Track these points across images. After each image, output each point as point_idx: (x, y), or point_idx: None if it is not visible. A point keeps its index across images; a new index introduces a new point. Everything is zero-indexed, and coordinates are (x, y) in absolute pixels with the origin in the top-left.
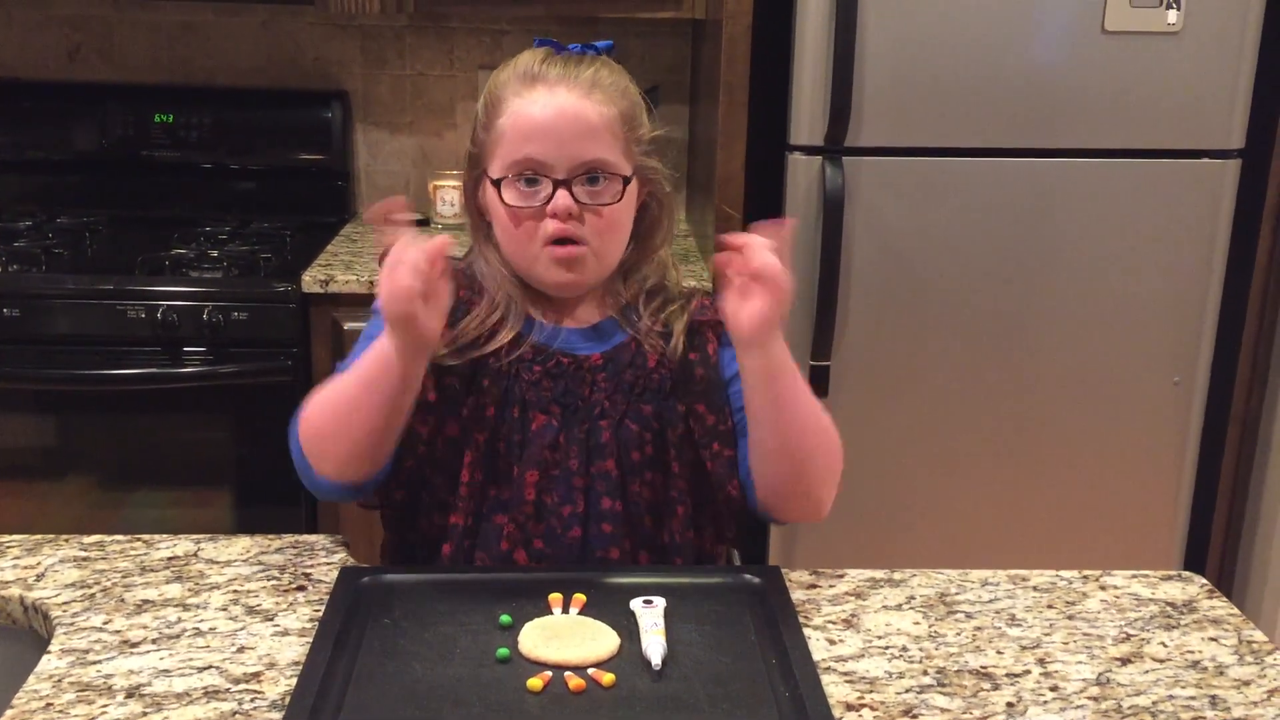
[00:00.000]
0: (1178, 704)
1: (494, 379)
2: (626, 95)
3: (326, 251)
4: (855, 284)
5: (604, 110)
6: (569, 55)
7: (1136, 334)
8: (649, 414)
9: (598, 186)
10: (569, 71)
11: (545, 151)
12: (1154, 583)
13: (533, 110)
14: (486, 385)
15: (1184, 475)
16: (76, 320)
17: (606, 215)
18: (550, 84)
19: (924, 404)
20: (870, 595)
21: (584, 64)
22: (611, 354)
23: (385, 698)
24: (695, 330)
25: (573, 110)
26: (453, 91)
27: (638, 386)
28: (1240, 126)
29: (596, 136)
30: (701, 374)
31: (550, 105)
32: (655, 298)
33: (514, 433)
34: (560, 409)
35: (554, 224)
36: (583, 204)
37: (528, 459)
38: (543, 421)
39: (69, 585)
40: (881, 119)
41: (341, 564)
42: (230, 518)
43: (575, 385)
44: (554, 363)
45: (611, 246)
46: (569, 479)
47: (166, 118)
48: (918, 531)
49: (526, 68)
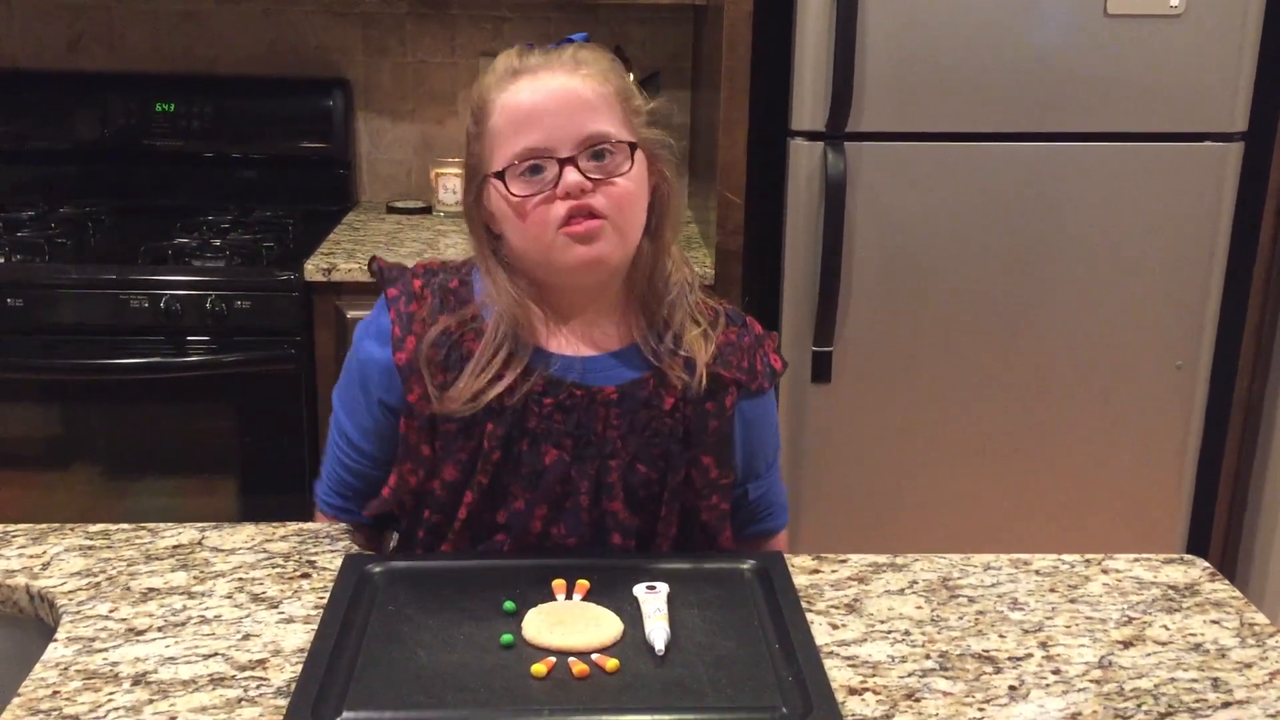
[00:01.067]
0: (1180, 686)
1: (497, 420)
2: (615, 70)
3: (329, 240)
4: (857, 270)
5: (596, 85)
6: (545, 47)
7: (1139, 318)
8: (657, 455)
9: (605, 160)
10: (550, 58)
11: (544, 136)
12: (1156, 566)
13: (522, 98)
14: (490, 429)
15: (1187, 459)
16: (80, 310)
17: (620, 187)
18: (534, 72)
19: (926, 389)
20: (873, 580)
21: (563, 49)
22: (628, 389)
23: (390, 684)
24: (716, 380)
25: (564, 89)
26: (454, 79)
27: (650, 429)
28: (1243, 109)
29: (594, 110)
30: (715, 426)
31: (540, 89)
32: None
33: (522, 466)
34: (572, 442)
35: (566, 205)
36: (593, 179)
37: (539, 494)
38: (555, 456)
39: (75, 574)
40: (883, 104)
41: (346, 551)
42: (235, 506)
43: (588, 419)
44: (566, 395)
45: (629, 219)
46: (578, 513)
47: (168, 107)
48: (920, 516)
49: (506, 66)
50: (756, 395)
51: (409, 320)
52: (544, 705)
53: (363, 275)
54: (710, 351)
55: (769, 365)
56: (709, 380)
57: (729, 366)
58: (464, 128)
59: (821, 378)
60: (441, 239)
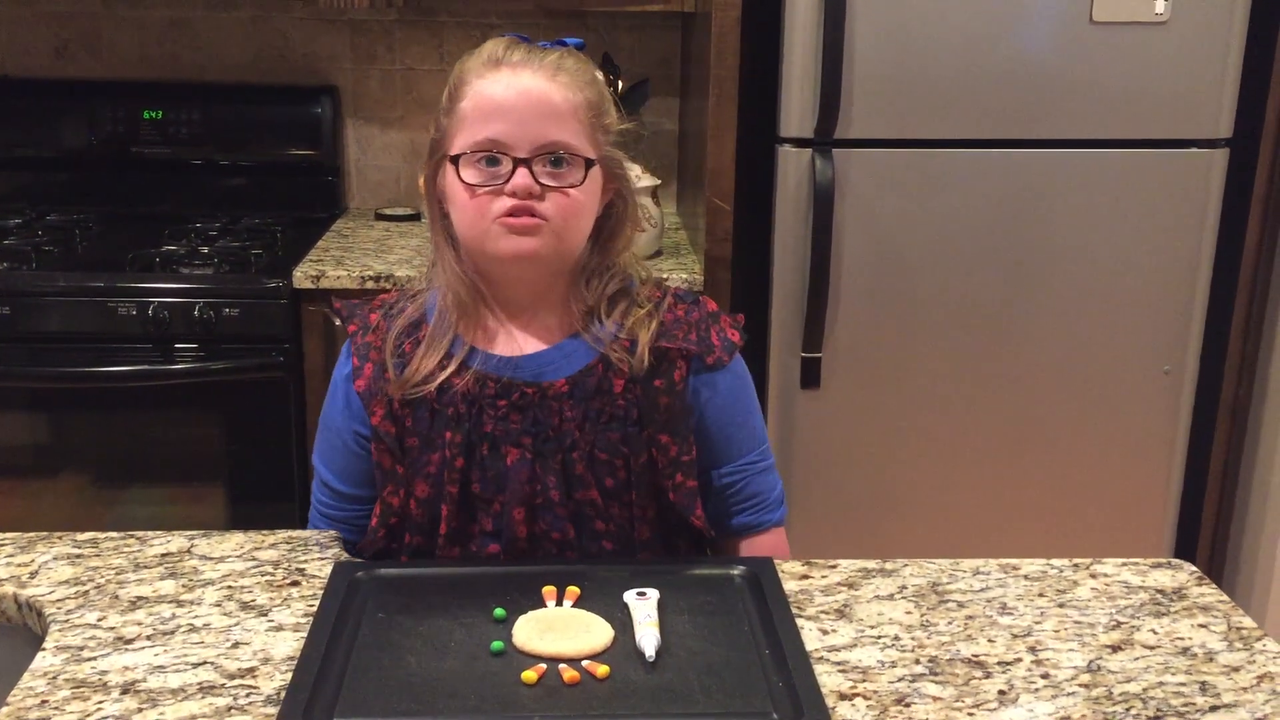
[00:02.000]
0: (1168, 690)
1: (454, 428)
2: (594, 84)
3: (318, 247)
4: (846, 276)
5: (569, 95)
6: (535, 45)
7: (1126, 323)
8: (616, 440)
9: (561, 169)
10: (533, 57)
11: (507, 132)
12: (1144, 570)
13: (495, 90)
14: (449, 438)
15: (1174, 464)
16: (67, 317)
17: (569, 198)
18: (514, 67)
19: (915, 395)
20: (862, 585)
21: (549, 52)
22: (577, 379)
23: (380, 691)
24: (663, 356)
25: (537, 91)
26: (443, 85)
27: (604, 415)
28: (1228, 115)
29: (561, 119)
30: (666, 402)
31: (514, 86)
32: (619, 302)
33: (488, 470)
34: (531, 439)
35: (510, 201)
36: (544, 185)
37: (510, 496)
38: (516, 456)
39: (63, 582)
40: (871, 111)
41: (335, 559)
42: (224, 514)
43: (544, 415)
44: (518, 394)
45: (572, 227)
46: (553, 509)
47: (155, 114)
48: (908, 521)
49: (491, 53)
50: (715, 369)
51: (366, 350)
52: (534, 712)
53: (351, 282)
54: (652, 329)
55: (726, 339)
56: (656, 357)
57: (674, 339)
58: None
59: (811, 383)
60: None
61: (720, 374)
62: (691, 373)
